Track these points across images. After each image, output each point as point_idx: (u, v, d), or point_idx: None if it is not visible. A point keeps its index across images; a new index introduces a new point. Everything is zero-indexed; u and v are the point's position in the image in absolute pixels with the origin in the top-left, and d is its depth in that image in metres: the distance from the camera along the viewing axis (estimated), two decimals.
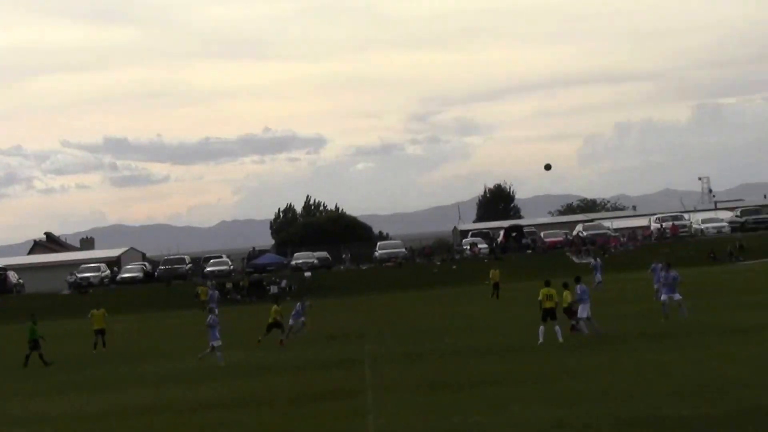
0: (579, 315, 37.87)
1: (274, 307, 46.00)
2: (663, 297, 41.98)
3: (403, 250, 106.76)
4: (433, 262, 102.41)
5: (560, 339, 35.69)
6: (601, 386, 25.53)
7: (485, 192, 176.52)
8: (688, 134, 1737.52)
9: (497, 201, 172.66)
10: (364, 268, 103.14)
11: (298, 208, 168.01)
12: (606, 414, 21.66)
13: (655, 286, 48.23)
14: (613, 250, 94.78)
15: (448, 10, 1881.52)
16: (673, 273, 41.78)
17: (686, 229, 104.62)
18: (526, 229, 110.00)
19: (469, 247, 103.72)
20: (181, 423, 25.20)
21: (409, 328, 46.77)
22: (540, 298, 36.87)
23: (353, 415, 24.29)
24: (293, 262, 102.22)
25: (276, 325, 45.12)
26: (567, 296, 38.09)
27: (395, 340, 42.54)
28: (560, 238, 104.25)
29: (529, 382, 27.30)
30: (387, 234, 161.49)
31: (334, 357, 37.29)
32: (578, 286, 38.45)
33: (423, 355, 35.64)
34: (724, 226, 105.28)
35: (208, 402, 28.48)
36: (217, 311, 56.81)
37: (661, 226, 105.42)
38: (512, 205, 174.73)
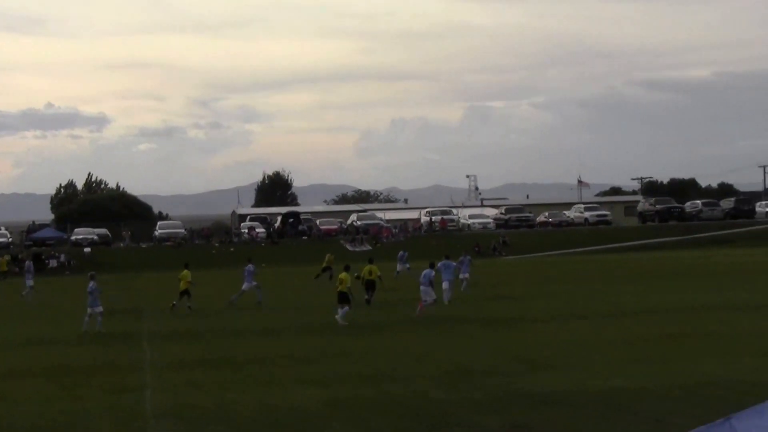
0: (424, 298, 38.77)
1: (185, 272, 44.69)
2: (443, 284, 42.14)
3: (183, 230, 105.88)
4: (212, 244, 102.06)
5: (342, 321, 36.06)
6: (371, 368, 26.02)
7: (264, 178, 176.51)
8: (459, 134, 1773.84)
9: (275, 188, 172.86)
10: (143, 246, 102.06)
11: (80, 184, 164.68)
12: (377, 394, 22.12)
13: (461, 277, 49.69)
14: (385, 240, 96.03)
15: None
16: (426, 270, 41.26)
17: (454, 224, 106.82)
18: (302, 216, 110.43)
19: (247, 231, 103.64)
20: None
21: (187, 307, 46.44)
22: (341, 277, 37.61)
23: (131, 389, 24.13)
24: (73, 238, 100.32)
25: (187, 293, 44.11)
26: (345, 278, 38.57)
27: (174, 317, 42.31)
28: (335, 227, 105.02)
29: (304, 362, 27.60)
30: (167, 214, 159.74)
31: (112, 332, 36.80)
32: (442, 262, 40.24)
33: (201, 333, 35.60)
34: (489, 222, 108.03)
35: None
36: (32, 282, 55.50)
37: (431, 219, 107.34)
38: (290, 192, 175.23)
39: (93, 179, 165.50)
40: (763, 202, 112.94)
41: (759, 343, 28.46)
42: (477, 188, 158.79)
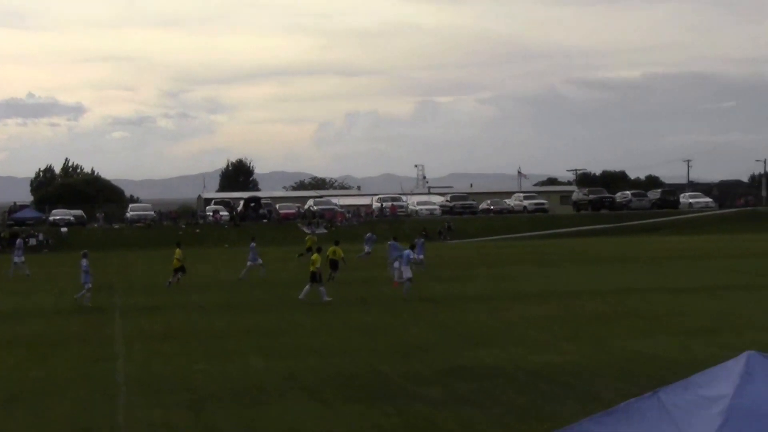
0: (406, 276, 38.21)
1: (178, 250, 44.89)
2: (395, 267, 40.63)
3: (152, 212, 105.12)
4: (179, 225, 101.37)
5: (325, 298, 35.90)
6: (325, 343, 25.99)
7: (228, 165, 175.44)
8: (409, 126, 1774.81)
9: (238, 174, 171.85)
10: (116, 227, 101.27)
11: (57, 169, 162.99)
12: (328, 367, 22.07)
13: (418, 258, 49.75)
14: (339, 224, 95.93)
15: None
16: (407, 251, 40.85)
17: (403, 210, 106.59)
18: (263, 201, 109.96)
19: (211, 214, 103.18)
20: None
21: (156, 283, 46.14)
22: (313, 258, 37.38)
23: (103, 360, 23.98)
24: (51, 218, 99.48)
25: (181, 269, 44.31)
26: (317, 259, 38.35)
27: (143, 293, 42.00)
28: (293, 211, 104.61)
29: (263, 336, 27.52)
30: (138, 198, 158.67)
31: (86, 306, 36.47)
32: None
33: (169, 308, 35.37)
34: (435, 209, 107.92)
35: None
36: (23, 259, 54.66)
37: (382, 205, 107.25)
38: (252, 178, 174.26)
39: (70, 164, 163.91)
40: (687, 194, 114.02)
41: (683, 323, 28.69)
42: (425, 177, 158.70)
